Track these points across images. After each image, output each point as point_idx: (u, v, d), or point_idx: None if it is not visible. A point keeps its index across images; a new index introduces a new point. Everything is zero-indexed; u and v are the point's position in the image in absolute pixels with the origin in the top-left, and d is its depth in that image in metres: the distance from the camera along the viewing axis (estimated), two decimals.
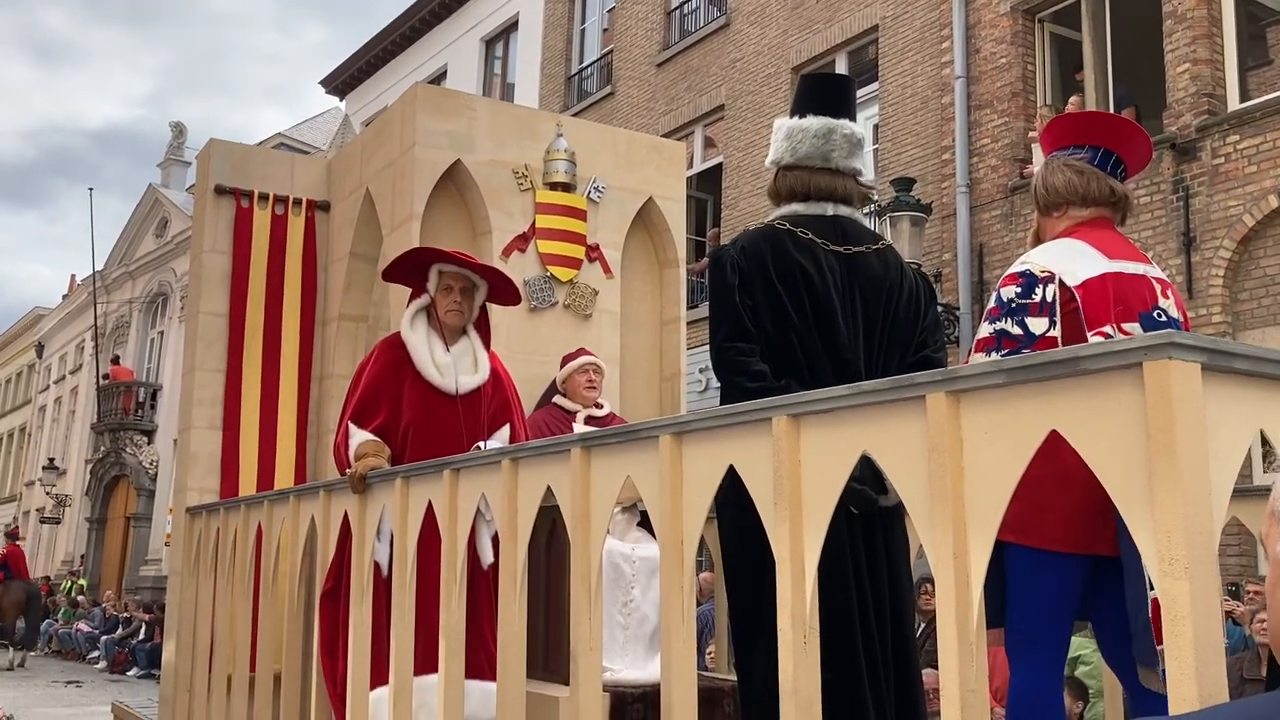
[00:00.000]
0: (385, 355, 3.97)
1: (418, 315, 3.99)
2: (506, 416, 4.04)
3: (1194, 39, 9.16)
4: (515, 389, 4.21)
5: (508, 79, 18.65)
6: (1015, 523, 1.76)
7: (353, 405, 3.93)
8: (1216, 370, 1.44)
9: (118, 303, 28.25)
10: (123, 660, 17.15)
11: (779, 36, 13.34)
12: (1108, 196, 2.71)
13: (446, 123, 5.22)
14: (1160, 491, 1.39)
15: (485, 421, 3.97)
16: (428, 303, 4.00)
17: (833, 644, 2.18)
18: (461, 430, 3.85)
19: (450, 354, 3.95)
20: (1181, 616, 1.34)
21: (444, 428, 3.85)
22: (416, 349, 3.91)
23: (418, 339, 3.93)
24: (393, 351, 3.96)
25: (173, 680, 5.28)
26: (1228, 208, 8.74)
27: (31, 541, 31.96)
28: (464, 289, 3.98)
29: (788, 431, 1.97)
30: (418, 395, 3.89)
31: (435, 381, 3.89)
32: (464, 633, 3.05)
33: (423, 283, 4.01)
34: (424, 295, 4.00)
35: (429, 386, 3.89)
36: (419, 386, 3.89)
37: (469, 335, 4.04)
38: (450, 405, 3.89)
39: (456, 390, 3.90)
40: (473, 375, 3.96)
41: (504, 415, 4.03)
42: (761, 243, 2.79)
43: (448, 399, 3.89)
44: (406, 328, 3.96)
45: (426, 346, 3.93)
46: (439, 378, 3.89)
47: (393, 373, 3.91)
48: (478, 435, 3.89)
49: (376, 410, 3.87)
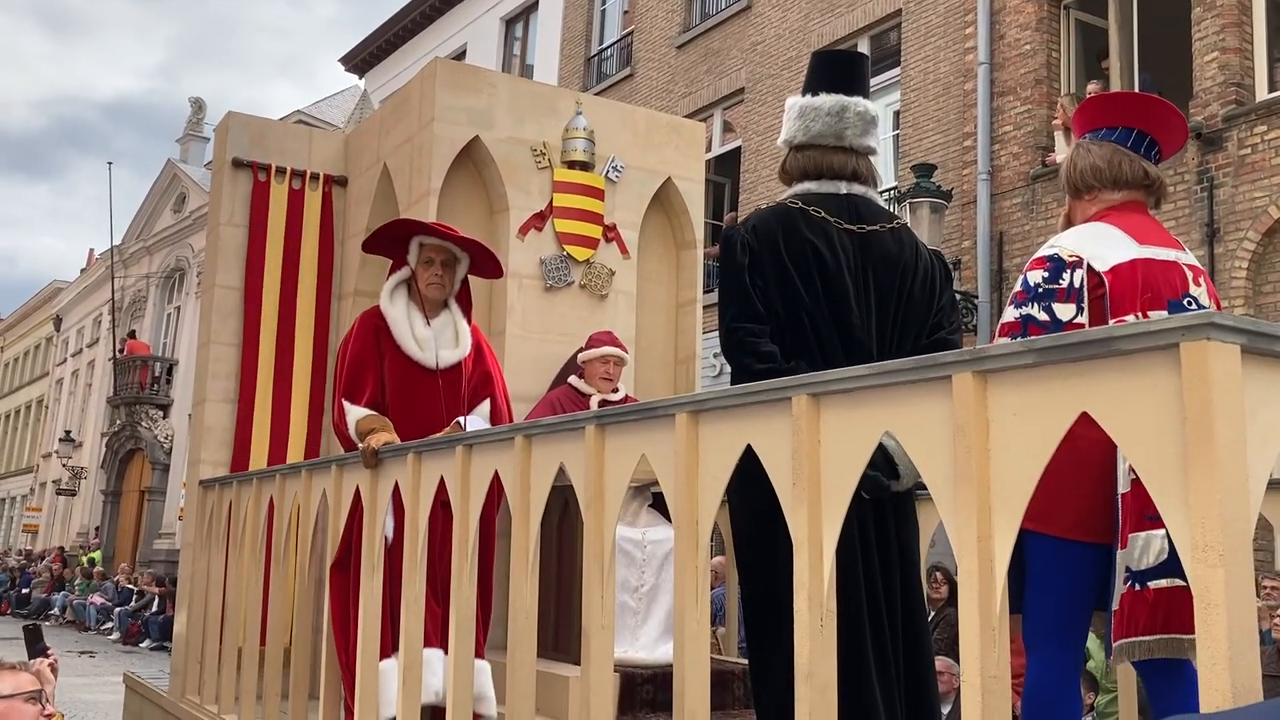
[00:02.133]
0: (365, 327, 3.91)
1: (398, 288, 3.93)
2: (488, 391, 3.98)
3: (1223, 27, 9.03)
4: (498, 362, 4.16)
5: (527, 59, 18.58)
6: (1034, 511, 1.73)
7: (342, 381, 3.89)
8: (1256, 353, 1.39)
9: (135, 277, 28.36)
10: (136, 632, 17.29)
11: (800, 20, 13.23)
12: (1140, 179, 2.64)
13: (466, 99, 5.17)
14: (1195, 476, 1.34)
15: (466, 396, 3.91)
16: (408, 275, 3.94)
17: (841, 630, 2.15)
18: (441, 405, 3.80)
19: (431, 328, 3.89)
20: (1215, 604, 1.30)
21: (424, 402, 3.80)
22: (396, 323, 3.85)
23: (397, 312, 3.88)
24: (372, 323, 3.90)
25: (184, 652, 5.29)
26: (1253, 199, 8.63)
27: (47, 513, 32.24)
28: (445, 261, 3.92)
29: (808, 411, 1.93)
30: (398, 369, 3.84)
31: (415, 356, 3.84)
32: (474, 610, 3.03)
33: (403, 255, 3.96)
34: (404, 268, 3.95)
35: (409, 361, 3.84)
36: (399, 360, 3.84)
37: (450, 308, 3.98)
38: (430, 380, 3.84)
39: (437, 365, 3.85)
40: (453, 349, 3.90)
41: (485, 389, 3.98)
42: (773, 222, 2.74)
43: (428, 373, 3.84)
44: (386, 300, 3.90)
45: (406, 320, 3.87)
46: (419, 352, 3.84)
47: (374, 346, 3.86)
48: (458, 410, 3.84)
49: (364, 385, 3.83)
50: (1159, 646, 2.36)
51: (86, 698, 9.97)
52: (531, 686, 2.73)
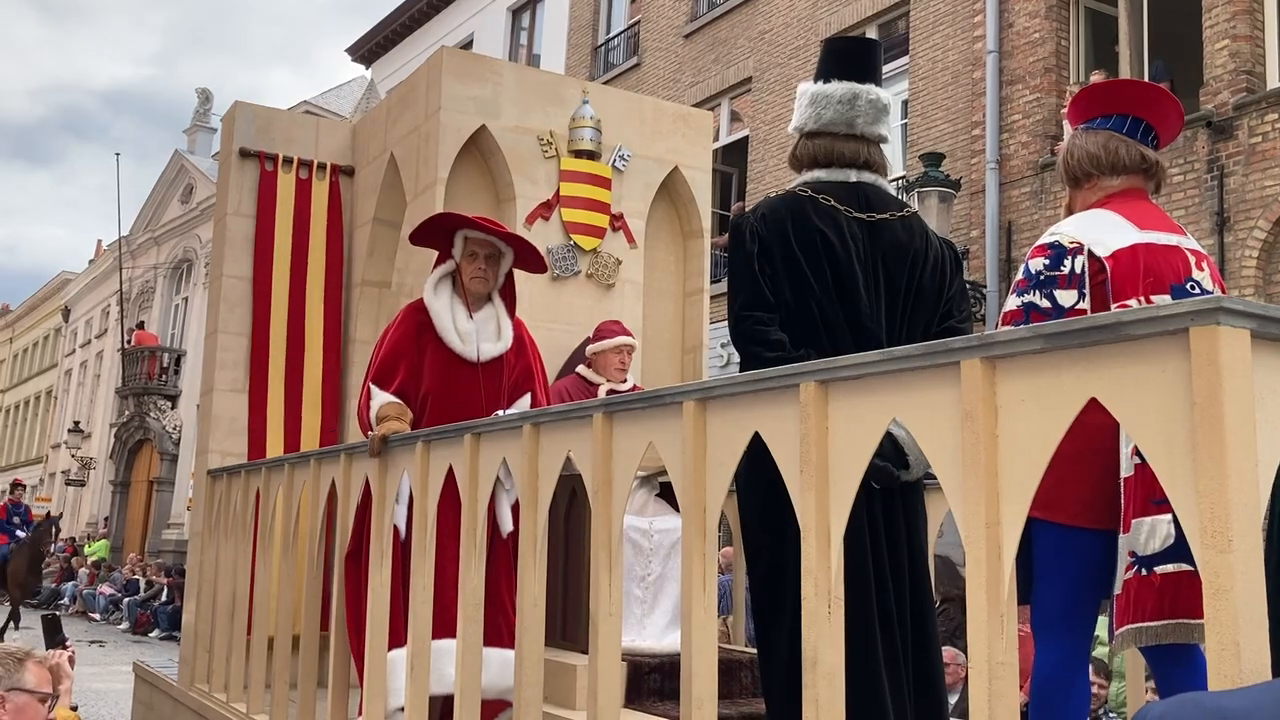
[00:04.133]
0: (409, 320, 3.95)
1: (442, 281, 3.96)
2: (529, 385, 4.01)
3: (1234, 15, 8.97)
4: (540, 357, 4.17)
5: (534, 49, 18.54)
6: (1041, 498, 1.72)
7: (374, 367, 3.91)
8: (1266, 338, 1.39)
9: (143, 268, 28.42)
10: (145, 622, 17.37)
11: (808, 8, 13.17)
12: (1139, 164, 2.63)
13: (472, 88, 5.17)
14: (1205, 462, 1.34)
15: (506, 390, 3.94)
16: (453, 269, 3.96)
17: (849, 619, 2.14)
18: (481, 398, 3.82)
19: (474, 321, 3.92)
20: (1225, 590, 1.29)
21: (464, 395, 3.83)
22: (439, 315, 3.88)
23: (441, 305, 3.90)
24: (416, 316, 3.93)
25: (193, 641, 5.31)
26: (1264, 188, 8.58)
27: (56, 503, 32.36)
28: (489, 256, 3.95)
29: (816, 398, 1.92)
30: (439, 362, 3.86)
31: (457, 348, 3.86)
32: (483, 599, 3.03)
33: (448, 248, 3.98)
34: (449, 261, 3.97)
35: (450, 353, 3.86)
36: (440, 353, 3.86)
37: (494, 302, 4.00)
38: (471, 373, 3.86)
39: (478, 358, 3.87)
40: (495, 343, 3.93)
41: (526, 384, 4.00)
42: (782, 209, 2.73)
43: (469, 366, 3.87)
44: (430, 293, 3.93)
45: (449, 313, 3.90)
46: (460, 345, 3.87)
47: (415, 337, 3.89)
48: (497, 404, 3.87)
49: (395, 372, 3.85)
50: (1167, 632, 2.35)
51: (97, 686, 10.02)
52: (539, 674, 2.73)
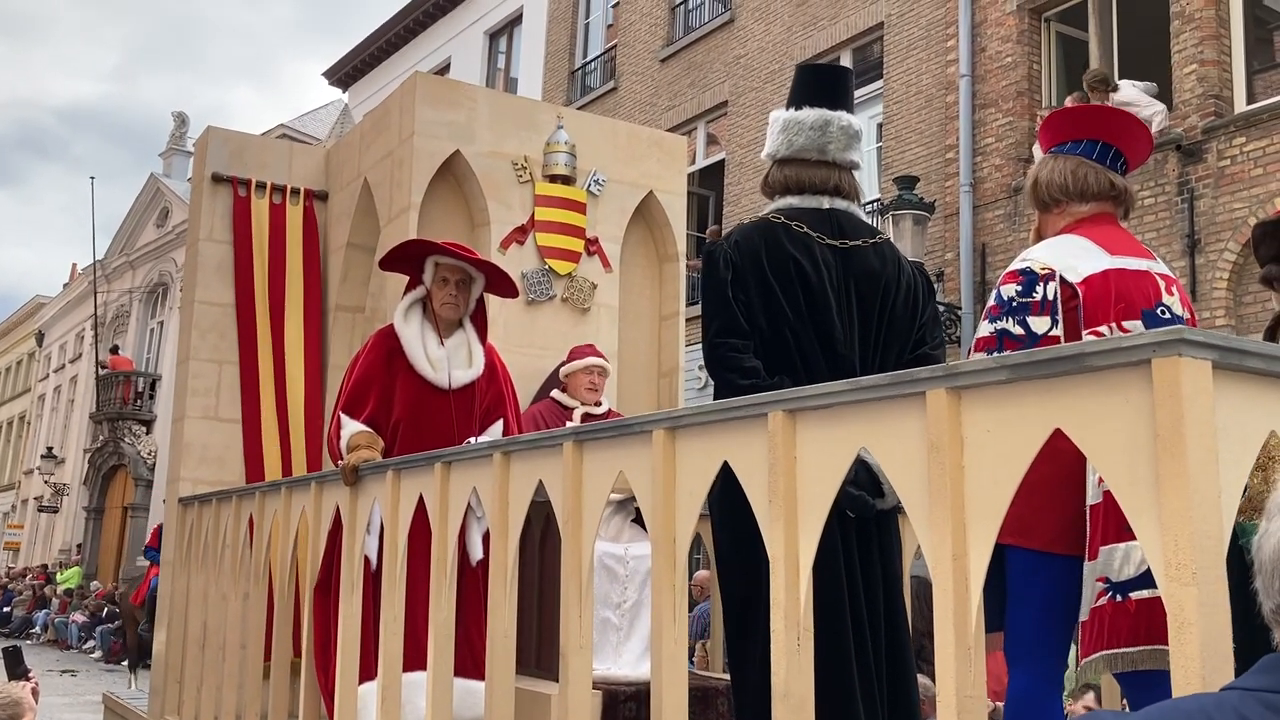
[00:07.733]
0: (379, 346, 3.92)
1: (412, 307, 3.93)
2: (500, 412, 3.98)
3: (1201, 40, 9.09)
4: (511, 383, 4.15)
5: (511, 73, 18.59)
6: (1014, 524, 1.71)
7: (345, 395, 3.88)
8: (1228, 369, 1.39)
9: (118, 292, 28.21)
10: (118, 650, 17.12)
11: (783, 33, 13.27)
12: (1108, 190, 2.65)
13: (446, 113, 5.16)
14: (1167, 493, 1.34)
15: (478, 416, 3.91)
16: (423, 295, 3.94)
17: (824, 649, 2.13)
18: (453, 425, 3.80)
19: (445, 347, 3.90)
20: (1189, 623, 1.29)
21: (435, 422, 3.80)
22: (410, 342, 3.85)
23: (411, 332, 3.87)
24: (387, 343, 3.91)
25: (163, 671, 5.24)
26: (1233, 210, 8.68)
27: (29, 530, 31.92)
28: (460, 281, 3.93)
29: (784, 427, 1.92)
30: (410, 389, 3.83)
31: (428, 375, 3.84)
32: (453, 630, 3.00)
33: (419, 274, 3.96)
34: (419, 287, 3.95)
35: (421, 380, 3.83)
36: (411, 380, 3.83)
37: (465, 328, 3.98)
38: (442, 400, 3.84)
39: (449, 385, 3.84)
40: (466, 369, 3.90)
41: (498, 410, 3.98)
42: (755, 236, 2.74)
43: (440, 393, 3.84)
44: (400, 320, 3.90)
45: (420, 340, 3.87)
46: (431, 372, 3.84)
47: (385, 364, 3.86)
48: (470, 430, 3.84)
49: (366, 400, 3.83)
50: (1143, 658, 2.35)
51: (68, 717, 9.86)
52: (510, 707, 2.70)
